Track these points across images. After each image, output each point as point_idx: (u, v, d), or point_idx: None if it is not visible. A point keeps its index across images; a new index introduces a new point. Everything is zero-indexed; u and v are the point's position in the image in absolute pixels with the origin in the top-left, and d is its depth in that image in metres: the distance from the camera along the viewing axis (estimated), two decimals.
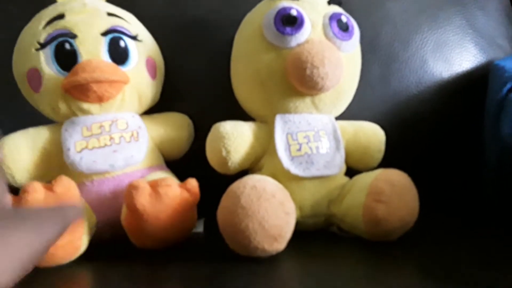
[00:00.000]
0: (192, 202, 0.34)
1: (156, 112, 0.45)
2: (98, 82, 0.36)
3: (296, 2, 0.39)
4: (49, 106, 0.38)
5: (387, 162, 0.41)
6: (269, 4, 0.40)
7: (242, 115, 0.43)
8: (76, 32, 0.37)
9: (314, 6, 0.39)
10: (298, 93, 0.38)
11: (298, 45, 0.37)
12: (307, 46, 0.36)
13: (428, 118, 0.48)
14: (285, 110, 0.39)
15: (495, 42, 0.51)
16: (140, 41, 0.41)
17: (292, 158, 0.37)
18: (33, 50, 0.37)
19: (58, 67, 0.37)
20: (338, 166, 0.38)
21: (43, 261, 0.32)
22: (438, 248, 0.33)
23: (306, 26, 0.37)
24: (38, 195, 0.31)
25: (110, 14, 0.40)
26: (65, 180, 0.33)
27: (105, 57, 0.38)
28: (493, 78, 0.45)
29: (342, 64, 0.37)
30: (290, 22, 0.37)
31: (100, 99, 0.37)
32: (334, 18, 0.38)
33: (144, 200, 0.31)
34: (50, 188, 0.32)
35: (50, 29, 0.37)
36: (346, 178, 0.40)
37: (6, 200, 0.20)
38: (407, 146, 0.47)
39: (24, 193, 0.31)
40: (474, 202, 0.45)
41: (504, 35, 0.52)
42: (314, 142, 0.38)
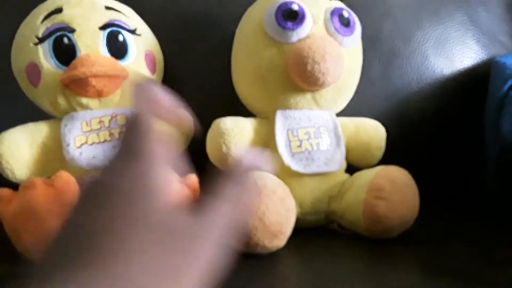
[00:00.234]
0: (192, 198, 0.33)
1: None
2: (96, 76, 0.36)
3: None
4: (48, 101, 0.38)
5: (388, 159, 0.41)
6: None
7: (243, 111, 0.43)
8: (74, 26, 0.37)
9: (315, 1, 0.39)
10: (299, 88, 0.38)
11: (299, 40, 0.37)
12: (308, 41, 0.36)
13: (429, 114, 0.47)
14: (285, 106, 0.39)
15: (497, 39, 0.51)
16: (138, 35, 0.40)
17: (292, 155, 0.37)
18: (31, 45, 0.37)
19: (56, 62, 0.37)
20: (339, 162, 0.38)
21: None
22: (438, 245, 0.33)
23: (307, 21, 0.37)
24: (37, 190, 0.31)
25: (108, 8, 0.39)
26: (64, 175, 0.32)
27: (103, 51, 0.37)
28: (494, 75, 0.45)
29: (343, 59, 0.37)
30: (291, 17, 0.36)
31: (99, 94, 0.37)
32: (336, 13, 0.38)
33: None
34: (49, 183, 0.31)
35: (48, 23, 0.37)
36: (347, 175, 0.39)
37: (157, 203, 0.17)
38: (408, 143, 0.47)
39: (23, 188, 0.31)
40: (475, 199, 0.45)
41: (506, 32, 0.52)
42: (315, 139, 0.38)
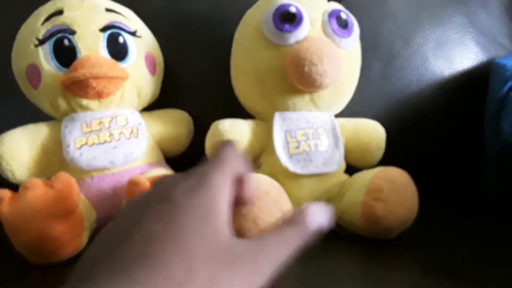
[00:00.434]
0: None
1: (155, 108, 0.45)
2: (97, 78, 0.36)
3: None
4: (48, 102, 0.38)
5: (387, 159, 0.41)
6: (268, 1, 0.39)
7: (242, 112, 0.43)
8: (75, 28, 0.37)
9: (313, 3, 0.39)
10: (297, 90, 0.38)
11: (297, 42, 0.37)
12: (306, 44, 0.36)
13: (428, 116, 0.47)
14: (284, 108, 0.39)
15: (497, 40, 0.51)
16: (139, 37, 0.41)
17: (290, 156, 0.37)
18: (32, 46, 0.37)
19: (57, 63, 0.37)
20: (337, 163, 0.38)
21: (44, 258, 0.32)
22: (438, 245, 0.33)
23: (305, 23, 0.37)
24: (37, 192, 0.31)
25: (108, 10, 0.39)
26: (64, 176, 0.33)
27: (104, 53, 0.38)
28: (494, 77, 0.45)
29: (341, 61, 0.37)
30: (288, 19, 0.37)
31: (99, 95, 0.37)
32: (334, 15, 0.38)
33: None
34: (49, 184, 0.32)
35: (48, 25, 0.37)
36: (346, 176, 0.39)
37: (224, 227, 0.19)
38: (408, 144, 0.47)
39: (23, 189, 0.31)
40: (475, 200, 0.45)
41: (505, 34, 0.52)
42: (313, 140, 0.38)
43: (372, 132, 0.42)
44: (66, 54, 0.37)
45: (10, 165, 0.37)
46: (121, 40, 0.39)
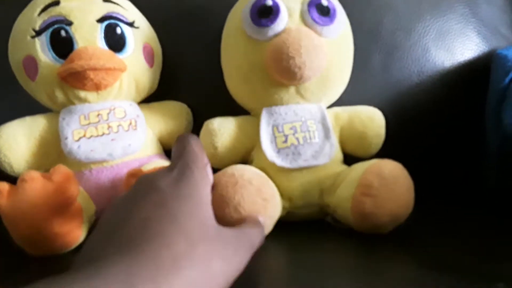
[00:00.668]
0: None
1: (154, 101, 0.44)
2: (94, 69, 0.35)
3: None
4: (45, 94, 0.38)
5: (387, 151, 0.40)
6: None
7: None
8: (71, 19, 0.36)
9: None
10: (281, 84, 0.37)
11: (275, 36, 0.36)
12: (283, 36, 0.35)
13: (429, 107, 0.47)
14: (271, 103, 0.39)
15: (498, 31, 0.50)
16: (137, 27, 0.40)
17: (278, 151, 0.37)
18: (28, 38, 0.37)
19: (54, 55, 0.36)
20: (328, 155, 0.37)
21: (43, 251, 0.32)
22: (436, 239, 0.33)
23: (282, 16, 0.36)
24: (35, 184, 0.31)
25: (105, 0, 0.39)
26: (63, 169, 0.32)
27: (101, 44, 0.37)
28: (495, 68, 0.45)
29: (323, 51, 0.36)
30: (265, 13, 0.36)
31: (97, 87, 0.37)
32: (313, 3, 0.37)
33: None
34: (48, 177, 0.31)
35: (45, 15, 0.37)
36: (343, 166, 0.39)
37: (211, 213, 0.21)
38: (408, 135, 0.47)
39: (21, 182, 0.31)
40: (475, 192, 0.45)
41: (507, 24, 0.51)
42: (301, 133, 0.37)
43: (368, 120, 0.40)
44: (63, 45, 0.36)
45: (8, 157, 0.36)
46: (118, 31, 0.38)
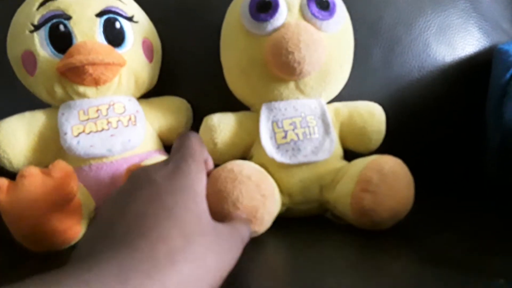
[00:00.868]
0: None
1: (153, 96, 0.44)
2: (93, 64, 0.35)
3: None
4: (44, 89, 0.37)
5: (388, 147, 0.40)
6: None
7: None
8: (70, 13, 0.36)
9: None
10: (281, 79, 0.37)
11: (274, 30, 0.36)
12: (282, 31, 0.35)
13: (430, 102, 0.47)
14: (271, 98, 0.38)
15: (500, 26, 0.50)
16: (136, 22, 0.40)
17: (278, 146, 0.36)
18: (27, 32, 0.36)
19: (52, 49, 0.36)
20: (328, 151, 0.37)
21: (43, 247, 0.32)
22: (437, 234, 0.33)
23: (281, 10, 0.36)
24: (35, 180, 0.30)
25: None
26: (62, 164, 0.32)
27: (100, 38, 0.37)
28: (496, 63, 0.44)
29: (322, 45, 0.36)
30: (264, 8, 0.36)
31: (96, 82, 0.37)
32: None
33: None
34: (47, 172, 0.31)
35: (43, 10, 0.36)
36: (343, 162, 0.39)
37: (205, 208, 0.22)
38: (409, 131, 0.47)
39: (21, 177, 0.31)
40: (475, 189, 0.45)
41: (508, 19, 0.51)
42: (301, 128, 0.37)
43: (368, 115, 0.40)
44: (61, 40, 0.36)
45: (7, 153, 0.36)
46: (117, 25, 0.38)
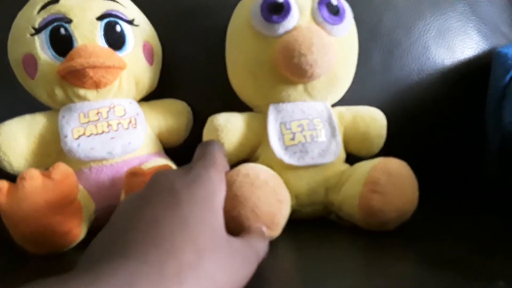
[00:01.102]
0: None
1: (154, 99, 0.44)
2: (94, 67, 0.35)
3: None
4: (45, 92, 0.37)
5: (388, 149, 0.41)
6: None
7: (242, 103, 0.43)
8: (71, 16, 0.36)
9: None
10: (289, 81, 0.37)
11: (286, 32, 0.36)
12: (295, 34, 0.35)
13: (429, 105, 0.47)
14: (278, 100, 0.39)
15: (499, 29, 0.50)
16: (136, 25, 0.40)
17: (286, 148, 0.37)
18: (28, 36, 0.36)
19: (53, 53, 0.36)
20: (334, 153, 0.37)
21: (43, 249, 0.32)
22: (439, 236, 0.33)
23: (293, 13, 0.36)
24: (35, 182, 0.30)
25: None
26: (62, 167, 0.32)
27: (101, 42, 0.37)
28: (496, 66, 0.45)
29: (332, 49, 0.36)
30: (276, 10, 0.36)
31: (96, 85, 0.37)
32: (323, 2, 0.37)
33: (142, 187, 0.31)
34: (47, 175, 0.31)
35: (44, 13, 0.37)
36: (346, 166, 0.39)
37: (221, 221, 0.21)
38: (408, 134, 0.47)
39: (21, 180, 0.30)
40: (476, 191, 0.45)
41: (507, 22, 0.51)
42: (309, 131, 0.37)
43: (370, 120, 0.41)
44: (62, 43, 0.36)
45: (7, 155, 0.36)
46: (118, 28, 0.38)
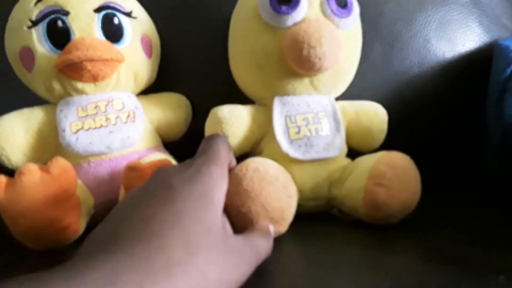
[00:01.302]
0: None
1: (152, 92, 0.44)
2: (92, 60, 0.35)
3: None
4: (43, 86, 0.37)
5: (389, 142, 0.40)
6: None
7: (241, 95, 0.42)
8: (68, 8, 0.36)
9: None
10: (296, 74, 0.37)
11: (295, 24, 0.36)
12: (304, 26, 0.35)
13: (430, 98, 0.47)
14: (283, 92, 0.38)
15: (500, 21, 0.50)
16: (134, 18, 0.40)
17: (291, 141, 0.36)
18: (25, 28, 0.36)
19: (50, 45, 0.36)
20: (338, 148, 0.38)
21: (42, 244, 0.32)
22: (440, 230, 0.33)
23: (302, 4, 0.36)
24: (33, 177, 0.30)
25: None
26: (61, 161, 0.32)
27: (98, 34, 0.37)
28: (497, 58, 0.44)
29: (340, 42, 0.36)
30: (285, 1, 0.35)
31: (94, 79, 0.37)
32: None
33: (141, 181, 0.31)
34: (46, 169, 0.31)
35: (41, 5, 0.36)
36: (348, 160, 0.39)
37: (218, 218, 0.21)
38: (409, 127, 0.47)
39: (19, 174, 0.30)
40: (477, 184, 0.45)
41: (509, 15, 0.51)
42: (314, 125, 0.37)
43: (373, 115, 0.41)
44: (59, 35, 0.36)
45: (5, 150, 0.36)
46: (116, 21, 0.38)
